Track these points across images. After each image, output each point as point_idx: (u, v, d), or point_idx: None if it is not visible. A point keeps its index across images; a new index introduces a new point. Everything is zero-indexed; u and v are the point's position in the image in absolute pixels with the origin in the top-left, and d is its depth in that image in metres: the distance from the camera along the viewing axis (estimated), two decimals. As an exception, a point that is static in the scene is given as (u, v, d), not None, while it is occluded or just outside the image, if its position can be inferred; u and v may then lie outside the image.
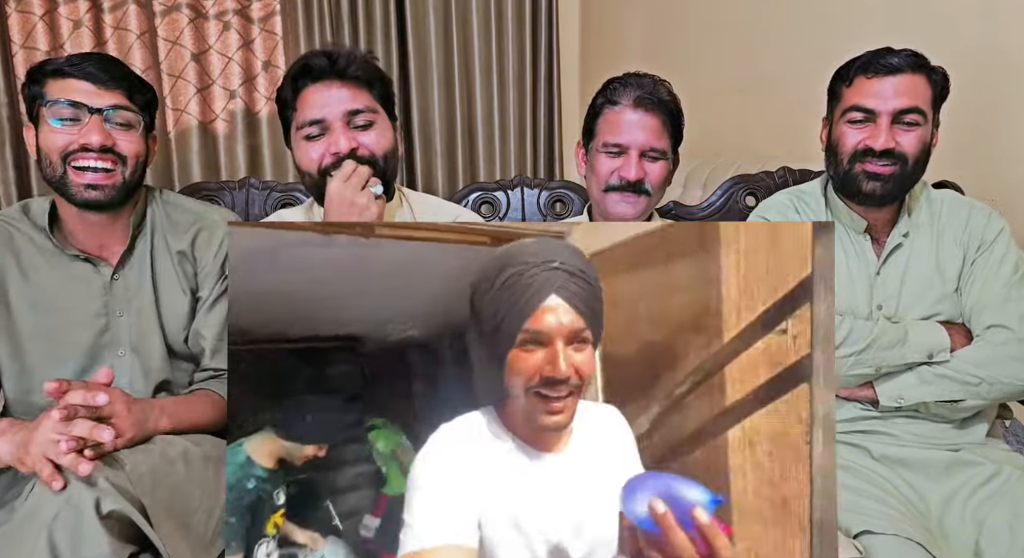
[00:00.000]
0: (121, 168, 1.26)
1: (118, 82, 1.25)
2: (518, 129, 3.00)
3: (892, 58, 1.33)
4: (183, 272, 1.37)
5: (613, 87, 1.47)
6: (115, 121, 1.25)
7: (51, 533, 0.95)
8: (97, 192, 1.24)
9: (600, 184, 1.47)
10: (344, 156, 1.32)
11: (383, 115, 1.38)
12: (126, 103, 1.26)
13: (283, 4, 2.71)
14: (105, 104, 1.24)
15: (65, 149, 1.23)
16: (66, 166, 1.23)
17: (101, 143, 1.22)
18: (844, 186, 1.40)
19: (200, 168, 2.69)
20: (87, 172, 1.23)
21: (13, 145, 2.48)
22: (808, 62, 1.53)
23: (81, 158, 1.23)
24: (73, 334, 1.29)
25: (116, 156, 1.25)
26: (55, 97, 1.22)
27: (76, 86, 1.23)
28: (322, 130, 1.33)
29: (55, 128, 1.23)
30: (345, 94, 1.33)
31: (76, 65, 1.23)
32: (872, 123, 1.35)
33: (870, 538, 1.18)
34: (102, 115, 1.23)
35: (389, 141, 1.38)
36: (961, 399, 1.32)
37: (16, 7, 2.46)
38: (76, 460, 0.99)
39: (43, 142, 1.25)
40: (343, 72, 1.33)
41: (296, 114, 1.36)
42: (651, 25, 2.97)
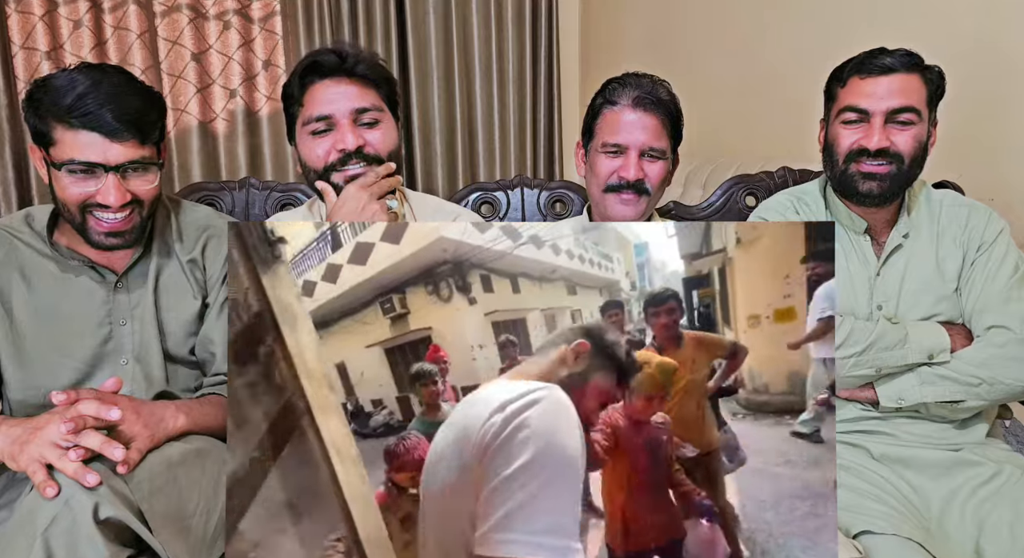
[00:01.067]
0: (139, 210, 1.25)
1: (130, 129, 1.17)
2: (518, 129, 3.01)
3: (885, 58, 1.33)
4: (194, 279, 1.36)
5: (612, 87, 1.47)
6: (131, 170, 1.21)
7: (47, 538, 0.95)
8: (118, 238, 1.24)
9: (600, 184, 1.47)
10: (350, 153, 1.32)
11: (389, 115, 1.39)
12: (139, 152, 1.20)
13: (283, 4, 2.72)
14: (120, 159, 1.18)
15: (83, 202, 1.20)
16: (84, 215, 1.22)
17: (120, 202, 1.19)
18: (841, 187, 1.40)
19: (200, 168, 2.69)
20: (106, 222, 1.22)
21: (13, 145, 2.48)
22: (808, 62, 1.53)
23: (100, 211, 1.21)
24: (76, 342, 1.29)
25: (134, 204, 1.23)
26: (68, 156, 1.16)
27: (87, 141, 1.16)
28: (329, 126, 1.33)
29: (70, 183, 1.19)
30: (353, 91, 1.34)
31: (86, 115, 1.15)
32: (866, 123, 1.35)
33: (870, 538, 1.18)
34: (118, 171, 1.19)
35: (394, 141, 1.39)
36: (962, 400, 1.32)
37: (16, 7, 2.46)
38: (83, 470, 0.98)
39: (58, 191, 1.21)
40: (352, 70, 1.33)
41: (303, 110, 1.36)
42: (651, 25, 2.97)
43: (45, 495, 0.97)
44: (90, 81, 1.16)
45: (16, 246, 1.30)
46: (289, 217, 1.54)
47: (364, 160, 1.34)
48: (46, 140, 1.18)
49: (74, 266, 1.30)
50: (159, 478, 1.07)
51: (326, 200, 1.34)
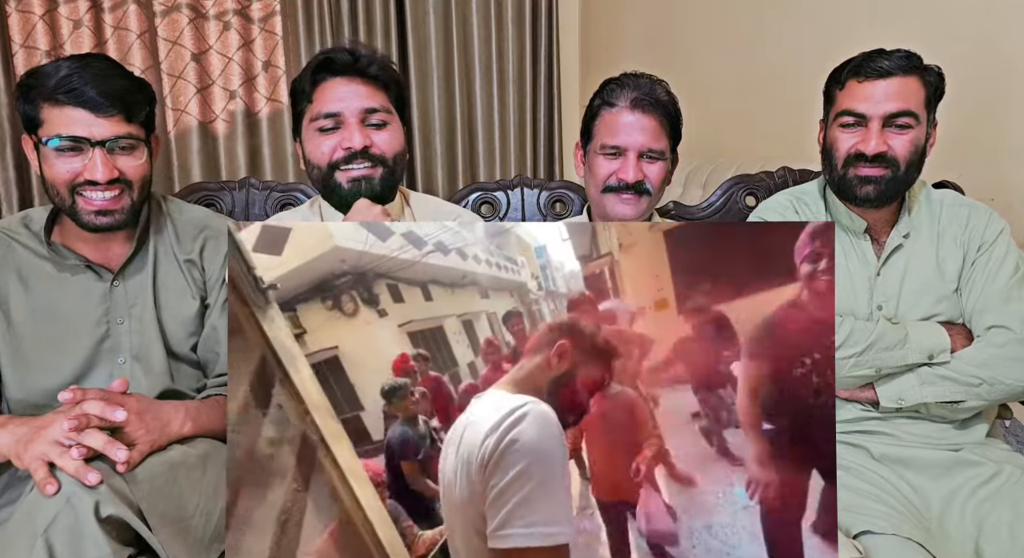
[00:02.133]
0: (128, 192, 1.26)
1: (115, 104, 1.20)
2: (518, 129, 3.01)
3: (883, 61, 1.32)
4: (192, 279, 1.37)
5: (610, 88, 1.47)
6: (118, 147, 1.23)
7: (49, 536, 0.95)
8: (108, 217, 1.25)
9: (599, 186, 1.47)
10: (356, 152, 1.33)
11: (396, 118, 1.40)
12: (126, 128, 1.23)
13: (283, 4, 2.72)
14: (106, 134, 1.21)
15: (71, 181, 1.22)
16: (74, 196, 1.23)
17: (107, 177, 1.21)
18: (840, 190, 1.41)
19: (200, 168, 2.69)
20: (96, 201, 1.23)
21: (13, 145, 2.48)
22: (808, 62, 1.53)
23: (88, 189, 1.22)
24: (73, 341, 1.29)
25: (123, 183, 1.25)
26: (55, 132, 1.19)
27: (73, 116, 1.19)
28: (336, 124, 1.34)
29: (57, 162, 1.21)
30: (364, 91, 1.34)
31: (72, 91, 1.18)
32: (864, 127, 1.34)
33: (870, 538, 1.18)
34: (104, 147, 1.21)
35: (400, 144, 1.39)
36: (962, 400, 1.32)
37: (16, 7, 2.47)
38: (84, 469, 0.99)
39: (47, 172, 1.23)
40: (364, 70, 1.34)
41: (312, 106, 1.36)
42: (651, 25, 2.97)
43: (45, 492, 0.98)
44: (77, 64, 1.20)
45: (13, 247, 1.31)
46: (290, 216, 1.54)
47: (369, 160, 1.34)
48: (35, 123, 1.21)
49: (71, 266, 1.30)
50: (159, 478, 1.08)
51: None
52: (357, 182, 1.34)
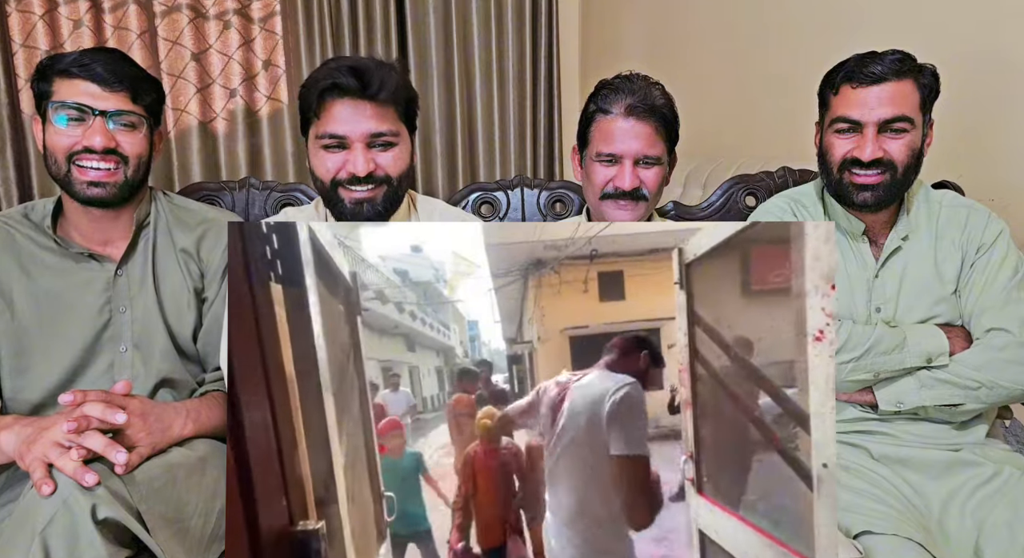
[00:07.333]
0: (124, 167, 1.29)
1: (123, 83, 1.27)
2: (518, 129, 3.00)
3: (876, 66, 1.31)
4: (187, 271, 1.39)
5: (604, 93, 1.45)
6: (118, 123, 1.28)
7: (46, 537, 0.95)
8: (100, 189, 1.28)
9: (596, 192, 1.47)
10: (360, 178, 1.31)
11: (405, 134, 1.37)
12: (130, 106, 1.28)
13: (283, 4, 2.71)
14: (109, 107, 1.26)
15: (70, 149, 1.26)
16: (70, 165, 1.27)
17: (104, 145, 1.26)
18: (837, 195, 1.41)
19: (200, 168, 2.68)
20: (90, 170, 1.27)
21: (13, 145, 2.47)
22: (808, 62, 1.52)
23: (84, 158, 1.26)
24: (75, 329, 1.30)
25: (119, 157, 1.28)
26: (61, 99, 1.26)
27: (82, 88, 1.25)
28: (341, 145, 1.31)
29: (60, 129, 1.26)
30: (371, 113, 1.30)
31: (84, 65, 1.25)
32: (858, 133, 1.34)
33: (870, 538, 1.18)
34: (106, 117, 1.26)
35: (406, 162, 1.38)
36: (961, 403, 1.32)
37: (16, 6, 2.46)
38: (82, 470, 0.99)
39: (49, 141, 1.28)
40: (374, 96, 1.30)
41: (318, 123, 1.33)
42: (651, 25, 2.97)
43: (41, 493, 0.98)
44: (93, 50, 1.32)
45: (14, 237, 1.33)
46: (297, 214, 1.54)
47: (373, 182, 1.32)
48: (46, 95, 1.27)
49: (74, 254, 1.32)
50: (158, 480, 1.08)
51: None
52: (359, 204, 1.33)
